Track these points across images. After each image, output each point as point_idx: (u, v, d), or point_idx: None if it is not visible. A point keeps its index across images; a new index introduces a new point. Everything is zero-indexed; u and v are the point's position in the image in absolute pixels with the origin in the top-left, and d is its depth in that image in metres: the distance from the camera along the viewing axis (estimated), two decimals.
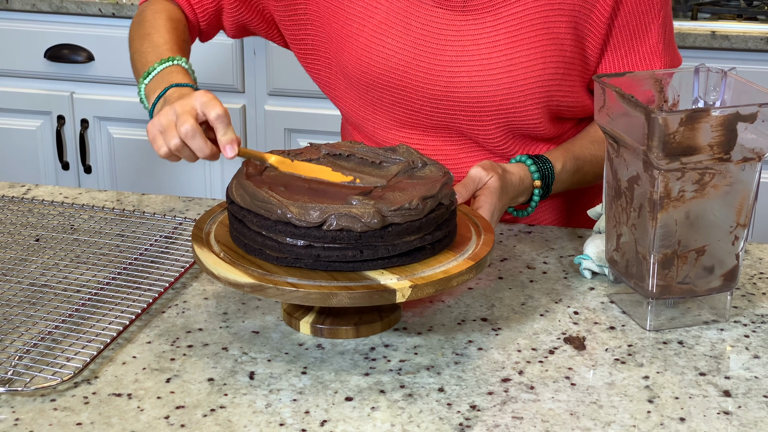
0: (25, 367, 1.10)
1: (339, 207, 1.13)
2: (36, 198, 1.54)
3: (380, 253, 1.14)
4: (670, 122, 1.11)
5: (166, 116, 1.22)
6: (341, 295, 1.09)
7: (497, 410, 1.06)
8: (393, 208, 1.14)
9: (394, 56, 1.44)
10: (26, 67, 2.75)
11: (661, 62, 1.47)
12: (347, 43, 1.46)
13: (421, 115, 1.47)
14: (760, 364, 1.16)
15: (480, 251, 1.19)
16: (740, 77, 1.24)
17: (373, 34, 1.44)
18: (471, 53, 1.42)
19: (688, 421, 1.05)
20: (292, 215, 1.13)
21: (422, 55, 1.43)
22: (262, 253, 1.16)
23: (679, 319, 1.24)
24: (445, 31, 1.43)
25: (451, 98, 1.44)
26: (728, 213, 1.19)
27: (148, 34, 1.45)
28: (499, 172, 1.37)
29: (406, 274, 1.14)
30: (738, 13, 2.54)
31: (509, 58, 1.41)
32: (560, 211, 1.60)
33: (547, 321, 1.24)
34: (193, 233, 1.21)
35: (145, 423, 1.03)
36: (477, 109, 1.44)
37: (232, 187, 1.20)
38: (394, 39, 1.44)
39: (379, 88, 1.47)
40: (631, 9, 1.42)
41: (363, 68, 1.46)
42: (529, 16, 1.41)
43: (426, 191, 1.17)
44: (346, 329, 1.19)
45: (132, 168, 2.80)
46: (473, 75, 1.42)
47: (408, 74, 1.44)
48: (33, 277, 1.29)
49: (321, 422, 1.04)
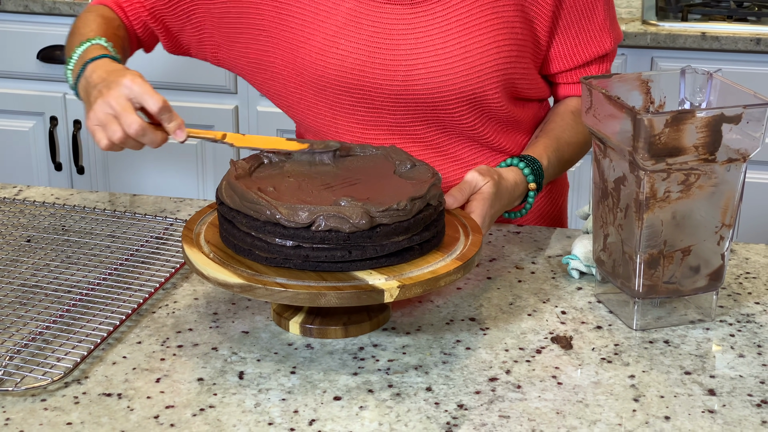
0: (16, 367, 1.11)
1: (327, 208, 1.14)
2: (27, 199, 1.54)
3: (368, 254, 1.15)
4: (656, 123, 1.12)
5: (102, 110, 1.26)
6: (330, 296, 1.10)
7: (484, 409, 1.07)
8: (381, 209, 1.14)
9: (348, 57, 1.43)
10: (19, 68, 2.76)
11: (609, 38, 1.51)
12: (300, 50, 1.45)
13: (384, 112, 1.47)
14: (745, 363, 1.17)
15: (468, 251, 1.19)
16: (726, 79, 1.25)
17: (325, 38, 1.44)
18: (425, 45, 1.43)
19: (673, 419, 1.06)
20: (281, 216, 1.13)
21: (376, 52, 1.43)
22: (251, 253, 1.16)
23: (666, 319, 1.25)
24: (397, 27, 1.43)
25: (410, 92, 1.44)
26: (714, 213, 1.20)
27: (77, 28, 1.48)
28: (495, 178, 1.37)
29: (394, 274, 1.14)
30: (728, 15, 2.56)
31: (463, 46, 1.42)
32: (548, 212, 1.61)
33: (535, 321, 1.25)
34: (183, 234, 1.22)
35: (135, 423, 1.04)
36: (438, 99, 1.45)
37: (221, 188, 1.21)
38: (347, 40, 1.43)
39: (338, 91, 1.46)
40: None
41: (319, 73, 1.45)
42: (478, 2, 1.42)
43: (414, 192, 1.18)
44: (335, 329, 1.20)
45: (125, 169, 2.81)
46: (429, 66, 1.43)
47: (364, 73, 1.44)
48: (24, 277, 1.30)
49: (309, 421, 1.05)
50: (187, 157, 2.77)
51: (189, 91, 2.72)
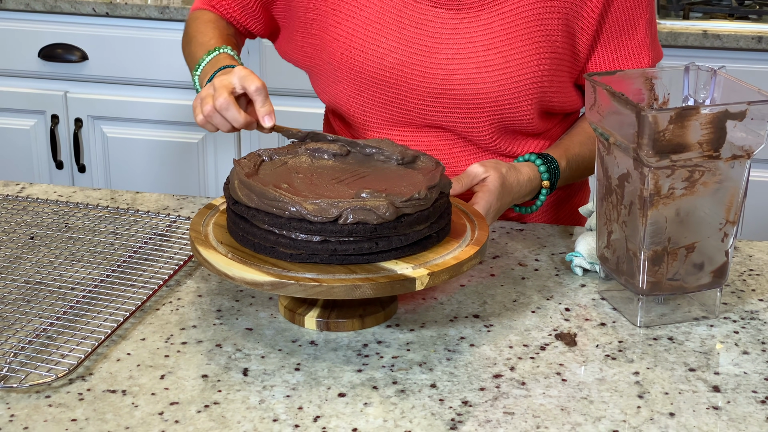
0: (21, 364, 1.11)
1: (352, 201, 1.14)
2: (30, 196, 1.54)
3: (394, 244, 1.16)
4: (660, 120, 1.12)
5: (206, 90, 1.34)
6: (364, 287, 1.11)
7: (489, 406, 1.07)
8: (404, 199, 1.16)
9: (388, 55, 1.45)
10: (20, 66, 2.75)
11: (648, 57, 1.50)
12: (341, 44, 1.47)
13: (415, 114, 1.48)
14: (749, 360, 1.17)
15: (480, 237, 1.22)
16: (729, 75, 1.25)
17: (368, 34, 1.45)
18: (466, 51, 1.43)
19: (677, 416, 1.06)
20: (307, 212, 1.13)
21: (417, 53, 1.44)
22: (273, 251, 1.16)
23: (669, 316, 1.25)
24: (440, 30, 1.44)
25: (447, 96, 1.45)
26: (718, 210, 1.20)
27: (193, 37, 1.53)
28: (503, 172, 1.38)
29: (418, 262, 1.16)
30: (729, 13, 2.56)
31: (504, 55, 1.42)
32: (552, 209, 1.61)
33: (539, 318, 1.25)
34: (193, 237, 1.21)
35: (140, 419, 1.04)
36: (472, 106, 1.45)
37: (234, 188, 1.20)
38: (389, 38, 1.44)
39: (373, 87, 1.47)
40: (621, 5, 1.44)
41: (358, 67, 1.46)
42: (523, 13, 1.42)
43: (428, 181, 1.20)
44: (351, 321, 1.20)
45: (126, 167, 2.80)
46: (469, 72, 1.43)
47: (403, 73, 1.45)
48: (28, 274, 1.30)
49: (314, 418, 1.05)
50: (187, 157, 2.77)
51: (190, 90, 2.72)
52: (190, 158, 2.77)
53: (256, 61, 2.66)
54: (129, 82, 2.73)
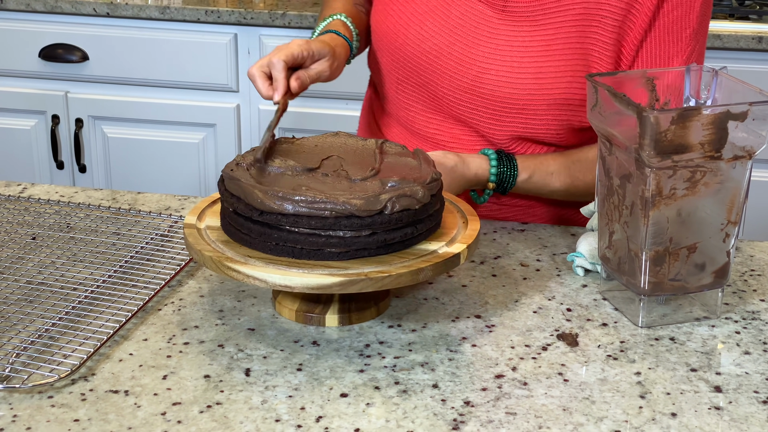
0: (23, 365, 1.11)
1: (391, 190, 1.16)
2: (32, 197, 1.54)
3: (427, 226, 1.19)
4: (662, 121, 1.12)
5: None
6: (426, 270, 1.14)
7: (491, 406, 1.07)
8: (428, 181, 1.19)
9: (428, 40, 1.48)
10: (21, 66, 2.76)
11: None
12: (388, 17, 1.51)
13: (444, 103, 1.50)
14: (751, 360, 1.17)
15: (468, 211, 1.27)
16: (731, 76, 1.25)
17: (413, 15, 1.49)
18: (503, 53, 1.44)
19: (679, 416, 1.06)
20: (355, 207, 1.14)
21: (455, 44, 1.46)
22: (320, 253, 1.15)
23: (671, 316, 1.25)
24: (481, 26, 1.45)
25: (476, 93, 1.47)
26: (719, 210, 1.20)
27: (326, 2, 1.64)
28: (448, 167, 1.41)
29: (444, 240, 1.20)
30: (730, 13, 2.56)
31: (539, 66, 1.43)
32: (553, 209, 1.61)
33: (540, 318, 1.25)
34: (219, 260, 1.15)
35: (142, 419, 1.04)
36: (499, 109, 1.46)
37: (259, 199, 1.15)
38: (432, 24, 1.47)
39: (408, 67, 1.51)
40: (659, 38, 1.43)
41: (398, 45, 1.50)
42: (565, 29, 1.42)
43: (425, 164, 1.24)
44: (370, 311, 1.23)
45: (126, 167, 2.81)
46: (501, 74, 1.44)
47: (439, 60, 1.48)
48: (30, 275, 1.30)
49: (316, 418, 1.05)
50: (188, 157, 2.77)
51: (191, 90, 2.72)
52: (190, 158, 2.77)
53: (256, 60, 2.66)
54: (129, 82, 2.73)
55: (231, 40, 2.65)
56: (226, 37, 2.65)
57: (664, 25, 1.42)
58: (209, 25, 2.65)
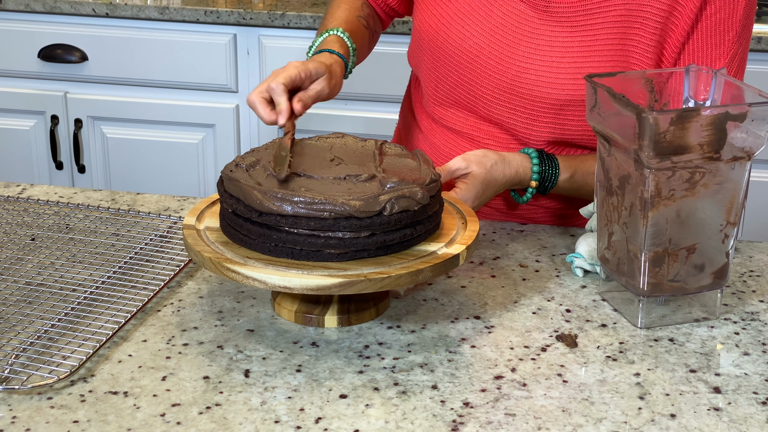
0: (22, 366, 1.11)
1: (390, 192, 1.16)
2: (31, 197, 1.54)
3: (426, 227, 1.19)
4: (661, 122, 1.12)
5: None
6: (425, 271, 1.15)
7: (490, 407, 1.07)
8: (427, 183, 1.19)
9: (469, 39, 1.48)
10: (20, 66, 2.75)
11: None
12: (431, 16, 1.51)
13: (480, 103, 1.50)
14: (750, 361, 1.17)
15: (467, 212, 1.27)
16: (730, 77, 1.25)
17: (456, 14, 1.49)
18: (543, 53, 1.44)
19: (678, 417, 1.06)
20: (354, 209, 1.14)
21: (496, 44, 1.47)
22: (319, 254, 1.15)
23: (670, 317, 1.25)
24: (523, 27, 1.46)
25: (515, 93, 1.47)
26: (718, 211, 1.20)
27: (329, 14, 1.61)
28: (488, 167, 1.40)
29: (443, 241, 1.20)
30: None
31: (579, 66, 1.43)
32: (553, 210, 1.61)
33: (540, 319, 1.25)
34: (219, 262, 1.15)
35: (141, 420, 1.04)
36: (537, 109, 1.46)
37: (258, 200, 1.16)
38: (474, 23, 1.48)
39: (448, 65, 1.51)
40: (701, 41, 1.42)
41: (439, 42, 1.51)
42: (606, 31, 1.42)
43: (424, 165, 1.24)
44: (369, 312, 1.23)
45: (126, 168, 2.80)
46: (540, 74, 1.44)
47: (479, 60, 1.48)
48: (29, 276, 1.30)
49: (316, 419, 1.05)
50: (187, 157, 2.77)
51: (190, 90, 2.72)
52: (189, 159, 2.77)
53: (256, 61, 2.66)
54: (129, 82, 2.73)
55: (230, 41, 2.65)
56: (226, 38, 2.65)
57: (707, 28, 1.41)
58: (208, 25, 2.65)
